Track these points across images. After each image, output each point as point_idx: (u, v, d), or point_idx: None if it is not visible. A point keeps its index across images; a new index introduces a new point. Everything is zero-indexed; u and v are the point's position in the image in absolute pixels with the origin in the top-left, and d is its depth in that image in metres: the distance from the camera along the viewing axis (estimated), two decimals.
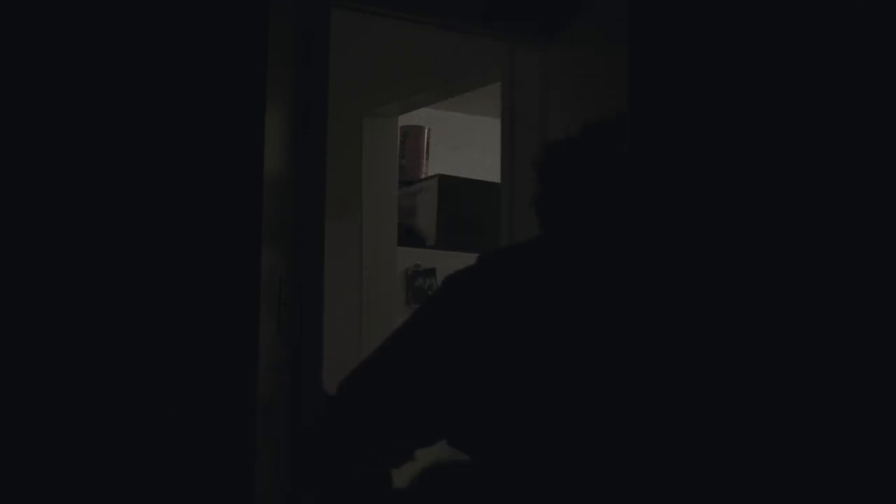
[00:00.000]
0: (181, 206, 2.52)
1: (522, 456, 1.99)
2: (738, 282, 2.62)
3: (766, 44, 2.87)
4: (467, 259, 2.44)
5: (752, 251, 2.78)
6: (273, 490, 2.63)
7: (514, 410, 2.02)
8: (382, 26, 4.22)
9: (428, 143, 5.85)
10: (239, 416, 2.49)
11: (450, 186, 5.44)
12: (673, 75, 3.09)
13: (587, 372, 2.04)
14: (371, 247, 4.77)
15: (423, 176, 5.75)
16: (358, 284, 4.70)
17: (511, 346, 2.03)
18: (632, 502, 2.05)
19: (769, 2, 2.88)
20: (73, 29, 2.44)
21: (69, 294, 2.40)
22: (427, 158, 5.87)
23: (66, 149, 2.42)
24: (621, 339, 2.09)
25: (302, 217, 2.79)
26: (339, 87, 3.28)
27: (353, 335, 4.66)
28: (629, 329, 2.11)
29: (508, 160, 3.93)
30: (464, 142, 6.13)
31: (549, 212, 2.18)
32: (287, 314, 2.70)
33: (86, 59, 2.44)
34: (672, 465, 2.18)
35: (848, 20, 2.71)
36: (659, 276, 2.35)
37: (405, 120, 5.25)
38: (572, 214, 2.11)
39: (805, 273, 2.75)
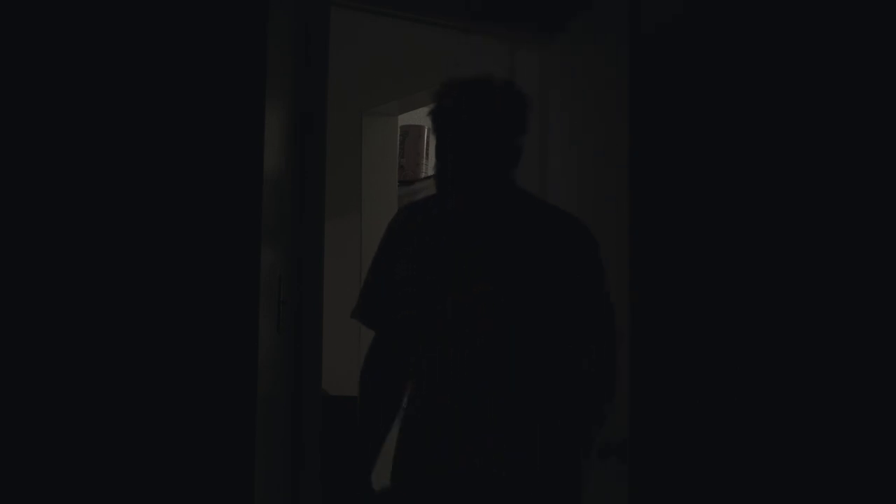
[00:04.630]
0: (181, 205, 2.52)
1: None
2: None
3: (767, 45, 2.87)
4: None
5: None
6: (273, 490, 2.63)
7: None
8: (382, 25, 4.22)
9: (428, 143, 5.84)
10: (239, 416, 2.49)
11: None
12: (673, 75, 3.09)
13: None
14: (371, 247, 4.76)
15: (422, 176, 5.74)
16: (358, 284, 4.69)
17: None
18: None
19: (769, 5, 2.88)
20: (75, 29, 2.44)
21: (69, 292, 2.40)
22: (427, 158, 5.86)
23: (69, 148, 2.42)
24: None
25: (302, 217, 2.79)
26: (339, 87, 3.28)
27: (353, 335, 4.66)
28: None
29: None
30: None
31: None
32: (286, 313, 2.70)
33: (88, 59, 2.44)
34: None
35: (848, 24, 2.71)
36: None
37: (404, 120, 5.25)
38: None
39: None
